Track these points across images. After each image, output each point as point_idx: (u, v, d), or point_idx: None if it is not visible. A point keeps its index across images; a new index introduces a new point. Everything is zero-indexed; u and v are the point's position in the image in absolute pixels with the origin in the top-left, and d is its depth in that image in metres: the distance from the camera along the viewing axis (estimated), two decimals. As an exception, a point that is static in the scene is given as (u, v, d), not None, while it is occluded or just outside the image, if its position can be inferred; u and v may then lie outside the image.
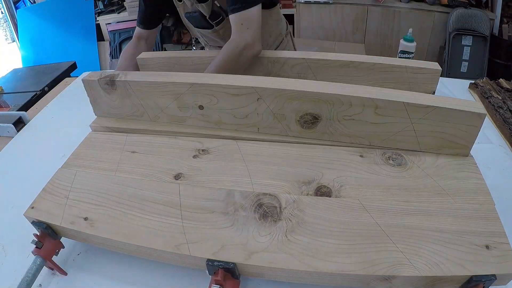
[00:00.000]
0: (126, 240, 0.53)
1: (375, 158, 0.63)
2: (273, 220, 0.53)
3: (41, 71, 1.59)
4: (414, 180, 0.59)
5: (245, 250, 0.49)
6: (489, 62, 2.41)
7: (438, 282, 0.46)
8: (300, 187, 0.58)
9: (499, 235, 0.49)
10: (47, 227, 0.57)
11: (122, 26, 2.75)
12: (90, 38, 2.84)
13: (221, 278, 0.48)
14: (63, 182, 0.63)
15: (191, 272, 0.57)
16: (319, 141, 0.67)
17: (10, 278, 0.58)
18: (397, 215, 0.53)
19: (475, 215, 0.52)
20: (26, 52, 2.96)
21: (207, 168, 0.64)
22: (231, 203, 0.56)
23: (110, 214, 0.57)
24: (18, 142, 0.96)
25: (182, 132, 0.72)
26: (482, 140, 0.83)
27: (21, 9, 3.00)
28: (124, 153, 0.69)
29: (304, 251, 0.49)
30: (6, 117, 1.01)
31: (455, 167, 0.61)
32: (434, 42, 2.60)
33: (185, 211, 0.56)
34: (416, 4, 2.56)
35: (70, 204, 0.59)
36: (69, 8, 2.85)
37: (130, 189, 0.61)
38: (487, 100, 0.95)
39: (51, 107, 1.12)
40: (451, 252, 0.47)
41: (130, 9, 2.63)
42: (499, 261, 0.46)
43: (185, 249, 0.50)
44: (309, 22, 2.72)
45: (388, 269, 0.46)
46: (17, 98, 1.34)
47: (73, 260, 0.61)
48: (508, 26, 2.40)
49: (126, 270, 0.59)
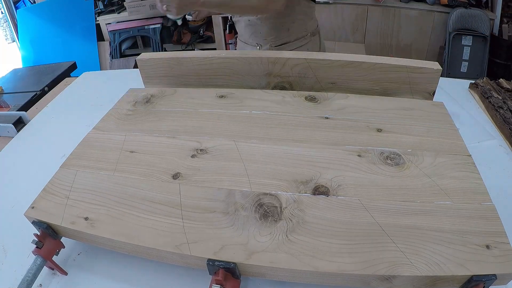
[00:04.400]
0: (127, 240, 0.53)
1: (373, 158, 0.63)
2: (273, 220, 0.53)
3: (41, 71, 1.59)
4: (412, 179, 0.59)
5: (246, 250, 0.49)
6: (489, 62, 2.41)
7: (438, 281, 0.46)
8: (297, 187, 0.58)
9: (500, 235, 0.49)
10: (48, 227, 0.57)
11: (122, 26, 2.75)
12: (90, 38, 2.84)
13: (221, 278, 0.48)
14: (64, 182, 0.63)
15: (191, 272, 0.57)
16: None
17: (10, 278, 0.58)
18: (397, 215, 0.53)
19: (475, 214, 0.52)
20: (26, 52, 2.96)
21: (205, 168, 0.64)
22: (231, 203, 0.56)
23: (110, 214, 0.57)
24: (18, 142, 0.96)
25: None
26: (482, 139, 0.83)
27: (21, 9, 3.00)
28: (123, 153, 0.69)
29: (305, 251, 0.49)
30: (6, 117, 1.01)
31: (454, 166, 0.61)
32: (434, 42, 2.60)
33: (185, 211, 0.56)
34: (416, 4, 2.56)
35: (71, 204, 0.59)
36: (69, 8, 2.84)
37: (131, 189, 0.61)
38: (487, 100, 0.95)
39: (51, 107, 1.12)
40: (451, 252, 0.47)
41: (130, 9, 2.63)
42: (499, 261, 0.46)
43: (185, 249, 0.50)
44: (310, 22, 2.72)
45: (389, 269, 0.46)
46: (17, 98, 1.34)
47: (74, 260, 0.61)
48: (508, 26, 2.40)
49: (126, 270, 0.59)
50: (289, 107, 0.79)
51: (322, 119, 0.74)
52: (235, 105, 0.81)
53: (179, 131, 0.74)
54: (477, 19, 2.38)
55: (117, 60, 2.73)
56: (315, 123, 0.73)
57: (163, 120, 0.78)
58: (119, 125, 0.78)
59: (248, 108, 0.79)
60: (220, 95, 0.85)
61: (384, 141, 0.67)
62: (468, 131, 0.81)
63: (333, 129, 0.71)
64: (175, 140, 0.71)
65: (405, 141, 0.67)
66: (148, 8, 2.54)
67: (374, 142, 0.67)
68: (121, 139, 0.73)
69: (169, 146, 0.70)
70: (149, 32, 2.65)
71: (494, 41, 2.40)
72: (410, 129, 0.70)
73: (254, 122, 0.75)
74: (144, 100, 0.86)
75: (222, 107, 0.80)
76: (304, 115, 0.76)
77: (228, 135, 0.71)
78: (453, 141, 0.67)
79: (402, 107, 0.77)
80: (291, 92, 0.84)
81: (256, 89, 0.87)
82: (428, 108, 0.77)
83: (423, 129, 0.70)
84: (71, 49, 2.84)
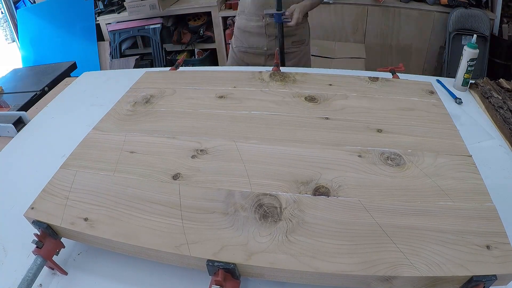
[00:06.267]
0: (127, 240, 0.53)
1: (373, 159, 0.63)
2: (273, 220, 0.53)
3: (41, 71, 1.59)
4: (413, 180, 0.59)
5: (246, 250, 0.49)
6: (489, 62, 2.41)
7: (438, 282, 0.46)
8: (298, 187, 0.58)
9: (500, 235, 0.49)
10: (48, 227, 0.57)
11: (122, 26, 2.74)
12: (90, 38, 2.83)
13: (221, 279, 0.47)
14: (63, 182, 0.63)
15: (191, 273, 0.57)
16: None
17: (10, 278, 0.58)
18: (397, 215, 0.53)
19: (475, 215, 0.52)
20: (26, 52, 2.95)
21: (205, 168, 0.64)
22: (231, 203, 0.56)
23: (110, 214, 0.57)
24: (18, 142, 0.96)
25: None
26: (483, 139, 0.83)
27: (21, 9, 3.00)
28: (123, 153, 0.69)
29: (305, 251, 0.49)
30: (6, 117, 1.01)
31: (454, 167, 0.61)
32: (434, 42, 2.60)
33: (185, 211, 0.56)
34: (416, 4, 2.56)
35: (70, 205, 0.59)
36: (69, 8, 2.84)
37: (130, 190, 0.61)
38: (487, 100, 0.95)
39: (51, 107, 1.11)
40: (451, 252, 0.47)
41: (130, 9, 2.62)
42: (499, 261, 0.46)
43: (185, 249, 0.50)
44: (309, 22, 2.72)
45: (389, 269, 0.46)
46: (17, 98, 1.34)
47: (74, 260, 0.61)
48: (508, 26, 2.40)
49: (126, 270, 0.59)
50: (289, 107, 0.79)
51: (322, 119, 0.74)
52: (235, 105, 0.81)
53: (179, 131, 0.74)
54: (477, 19, 2.38)
55: (117, 60, 2.72)
56: (315, 123, 0.73)
57: (163, 120, 0.78)
58: (119, 126, 0.78)
59: (248, 108, 0.79)
60: (219, 95, 0.85)
61: (385, 142, 0.67)
62: (468, 131, 0.81)
63: (333, 129, 0.71)
64: (175, 141, 0.71)
65: (405, 142, 0.67)
66: (148, 8, 2.54)
67: (374, 142, 0.67)
68: (121, 139, 0.73)
69: (169, 146, 0.70)
70: (149, 32, 2.65)
71: (494, 41, 2.40)
72: (411, 129, 0.70)
73: (254, 122, 0.75)
74: (144, 100, 0.86)
75: (221, 107, 0.80)
76: (304, 116, 0.76)
77: (228, 135, 0.71)
78: (453, 141, 0.67)
79: (402, 108, 0.77)
80: (291, 92, 0.84)
81: (256, 89, 0.87)
82: (428, 108, 0.76)
83: (423, 130, 0.70)
84: (71, 49, 2.83)
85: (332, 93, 0.83)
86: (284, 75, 0.92)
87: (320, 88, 0.86)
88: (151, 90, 0.90)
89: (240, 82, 0.91)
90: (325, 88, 0.86)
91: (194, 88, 0.90)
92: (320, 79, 0.90)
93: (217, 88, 0.88)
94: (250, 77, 0.93)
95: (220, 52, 2.71)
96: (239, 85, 0.89)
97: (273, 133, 0.71)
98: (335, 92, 0.84)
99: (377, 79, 0.89)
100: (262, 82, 0.90)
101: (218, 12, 2.51)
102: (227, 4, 2.56)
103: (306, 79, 0.90)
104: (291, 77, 0.91)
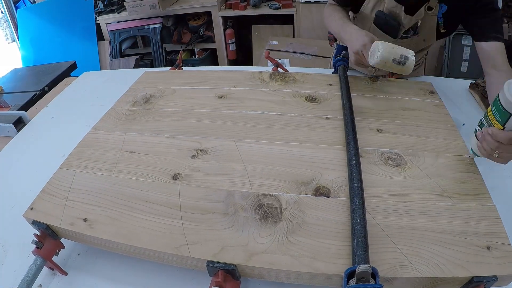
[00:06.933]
0: (126, 241, 0.52)
1: (374, 159, 0.63)
2: (273, 221, 0.53)
3: (41, 71, 1.59)
4: (413, 180, 0.58)
5: (246, 251, 0.49)
6: (489, 62, 2.40)
7: (439, 283, 0.46)
8: (298, 188, 0.58)
9: (500, 236, 0.49)
10: (47, 227, 0.57)
11: (122, 26, 2.74)
12: (90, 38, 2.83)
13: (221, 280, 0.47)
14: (62, 182, 0.63)
15: (191, 273, 0.56)
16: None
17: (10, 278, 0.58)
18: (397, 216, 0.53)
19: (476, 215, 0.52)
20: (26, 52, 2.95)
21: (205, 169, 0.63)
22: (231, 204, 0.56)
23: (109, 215, 0.56)
24: (18, 142, 0.96)
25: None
26: (483, 140, 0.83)
27: (21, 9, 3.00)
28: (122, 153, 0.69)
29: (305, 252, 0.48)
30: (6, 117, 1.01)
31: (454, 167, 0.61)
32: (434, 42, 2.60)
33: (185, 212, 0.56)
34: (416, 4, 2.55)
35: (69, 205, 0.59)
36: (69, 8, 2.84)
37: (130, 190, 0.60)
38: (487, 100, 0.95)
39: (51, 107, 1.11)
40: (452, 253, 0.47)
41: (130, 9, 2.62)
42: (500, 262, 0.46)
43: (185, 250, 0.50)
44: (309, 22, 2.72)
45: (389, 270, 0.46)
46: (17, 98, 1.34)
47: (74, 260, 0.61)
48: (508, 26, 2.40)
49: (126, 270, 0.59)
50: (289, 107, 0.79)
51: (322, 119, 0.74)
52: (235, 105, 0.81)
53: (179, 131, 0.73)
54: (478, 19, 2.37)
55: (117, 60, 2.72)
56: (316, 123, 0.73)
57: (162, 120, 0.78)
58: (118, 125, 0.77)
59: (247, 108, 0.79)
60: (219, 95, 0.85)
61: (385, 142, 0.67)
62: (468, 131, 0.81)
63: (333, 129, 0.71)
64: (175, 141, 0.71)
65: (406, 142, 0.67)
66: (148, 8, 2.54)
67: (375, 142, 0.67)
68: (121, 139, 0.73)
69: (169, 146, 0.69)
70: (149, 32, 2.65)
71: (495, 41, 2.39)
72: (411, 129, 0.70)
73: (254, 122, 0.74)
74: (143, 100, 0.86)
75: (221, 107, 0.80)
76: (304, 115, 0.76)
77: (228, 135, 0.71)
78: (453, 142, 0.67)
79: (403, 108, 0.77)
80: (291, 92, 0.84)
81: (256, 89, 0.87)
82: (429, 109, 0.76)
83: (423, 130, 0.70)
84: (71, 49, 2.83)
85: (332, 93, 0.83)
86: (284, 75, 0.92)
87: (320, 88, 0.86)
88: (151, 90, 0.90)
89: (240, 82, 0.90)
90: (325, 88, 0.86)
91: (194, 88, 0.89)
92: (320, 79, 0.90)
93: (217, 88, 0.88)
94: (250, 77, 0.92)
95: (220, 52, 2.71)
96: (239, 85, 0.89)
97: (273, 133, 0.71)
98: (335, 92, 0.83)
99: (377, 79, 0.88)
100: (262, 82, 0.90)
101: (218, 12, 2.51)
102: (227, 4, 2.56)
103: (306, 79, 0.90)
104: (291, 77, 0.91)
